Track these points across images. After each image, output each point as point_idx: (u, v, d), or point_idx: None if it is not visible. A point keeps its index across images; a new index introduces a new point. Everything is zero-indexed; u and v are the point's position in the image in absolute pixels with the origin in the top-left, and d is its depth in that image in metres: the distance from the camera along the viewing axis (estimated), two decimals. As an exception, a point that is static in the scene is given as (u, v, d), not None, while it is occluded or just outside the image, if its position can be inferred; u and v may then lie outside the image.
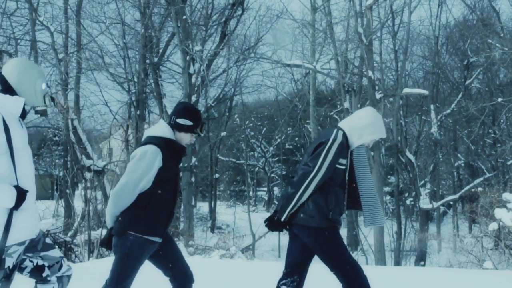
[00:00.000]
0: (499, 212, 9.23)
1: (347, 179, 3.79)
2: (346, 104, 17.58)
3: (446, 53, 22.43)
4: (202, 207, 27.98)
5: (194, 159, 17.66)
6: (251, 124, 29.55)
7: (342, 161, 3.68)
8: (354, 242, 20.03)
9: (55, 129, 19.79)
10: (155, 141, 3.53)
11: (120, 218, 3.46)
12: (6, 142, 2.83)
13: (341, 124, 3.87)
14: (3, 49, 16.50)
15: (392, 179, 25.11)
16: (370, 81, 15.04)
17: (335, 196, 3.71)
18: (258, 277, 6.51)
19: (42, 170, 27.27)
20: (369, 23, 15.13)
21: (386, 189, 23.84)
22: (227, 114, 26.43)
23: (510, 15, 22.54)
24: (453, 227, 20.80)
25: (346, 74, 17.87)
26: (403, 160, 18.57)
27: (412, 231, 20.12)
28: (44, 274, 3.11)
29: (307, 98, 19.65)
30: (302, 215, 3.68)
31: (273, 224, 3.82)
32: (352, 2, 15.94)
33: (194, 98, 17.08)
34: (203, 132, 3.73)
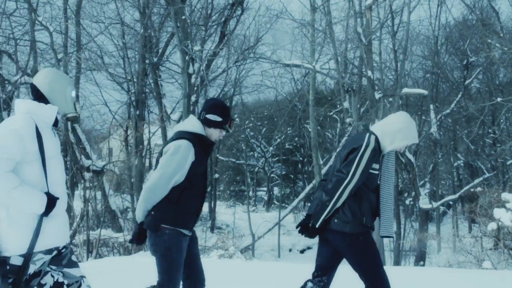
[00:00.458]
0: (498, 212, 9.23)
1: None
2: (346, 104, 17.58)
3: (445, 53, 22.42)
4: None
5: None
6: (251, 124, 29.54)
7: (375, 166, 3.70)
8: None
9: (56, 129, 19.75)
10: (187, 136, 3.57)
11: (152, 213, 3.48)
12: (38, 149, 2.87)
13: (373, 128, 3.88)
14: (3, 49, 16.51)
15: (391, 179, 25.08)
16: (370, 81, 15.03)
17: (369, 201, 3.74)
18: (257, 277, 6.52)
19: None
20: (368, 23, 15.12)
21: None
22: (227, 114, 26.33)
23: (510, 15, 22.57)
24: (452, 227, 20.80)
25: (345, 74, 17.86)
26: (403, 160, 18.57)
27: (411, 231, 20.12)
28: None
29: (307, 98, 19.64)
30: (336, 221, 3.70)
31: (307, 230, 3.83)
32: (351, 2, 15.93)
33: (193, 98, 17.08)
34: (232, 128, 3.75)
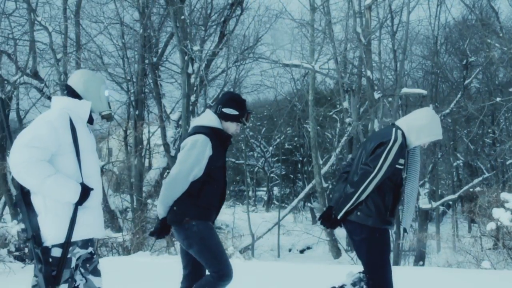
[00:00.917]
0: (497, 211, 9.23)
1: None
2: (345, 104, 17.58)
3: (445, 52, 22.41)
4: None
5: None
6: (250, 124, 29.53)
7: (400, 161, 3.73)
8: (353, 242, 20.01)
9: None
10: (204, 130, 3.60)
11: (175, 208, 3.53)
12: (73, 142, 2.97)
13: (398, 123, 3.89)
14: (2, 49, 16.49)
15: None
16: (369, 81, 15.03)
17: (393, 195, 3.77)
18: (256, 277, 6.51)
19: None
20: (367, 23, 15.12)
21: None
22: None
23: (509, 15, 22.54)
24: (452, 227, 20.80)
25: (345, 74, 17.85)
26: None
27: (411, 231, 20.11)
28: None
29: (306, 98, 19.64)
30: (359, 214, 3.74)
31: (328, 221, 3.87)
32: (350, 2, 15.93)
33: (193, 98, 17.08)
34: (249, 121, 3.78)
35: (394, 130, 3.76)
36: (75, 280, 3.08)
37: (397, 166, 3.71)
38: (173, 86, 20.99)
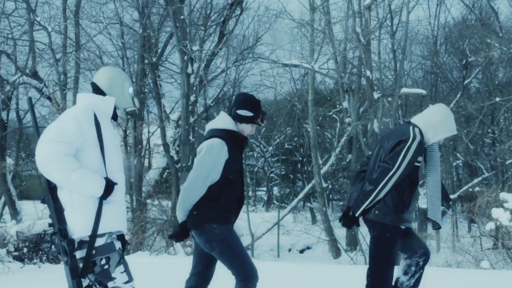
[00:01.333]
0: (496, 211, 9.23)
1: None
2: (345, 104, 17.57)
3: (445, 52, 22.42)
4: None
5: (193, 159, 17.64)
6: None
7: (419, 158, 3.77)
8: (353, 242, 20.00)
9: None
10: (219, 133, 3.60)
11: (195, 212, 3.53)
12: (97, 137, 3.02)
13: (415, 120, 3.91)
14: (1, 49, 16.49)
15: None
16: (368, 81, 15.02)
17: (411, 192, 3.81)
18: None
19: (41, 170, 27.17)
20: (367, 23, 15.11)
21: (385, 189, 23.84)
22: (226, 114, 26.31)
23: (509, 15, 22.52)
24: (452, 227, 20.78)
25: (344, 74, 17.84)
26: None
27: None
28: None
29: (306, 98, 19.63)
30: (376, 212, 3.76)
31: (347, 219, 3.89)
32: (350, 2, 15.92)
33: (192, 98, 17.07)
34: (264, 122, 3.77)
35: (412, 127, 3.78)
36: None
37: (415, 163, 3.74)
38: (172, 86, 20.99)
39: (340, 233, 20.67)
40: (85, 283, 3.01)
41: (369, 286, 3.88)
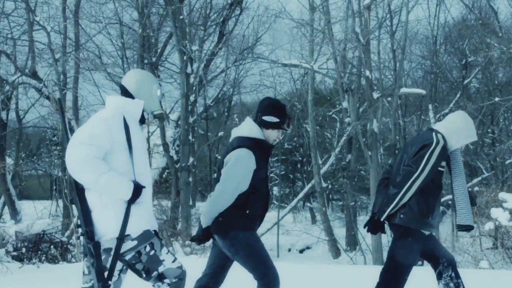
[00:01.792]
0: (495, 211, 9.22)
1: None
2: (345, 103, 17.56)
3: (444, 52, 22.40)
4: (201, 207, 27.93)
5: (192, 159, 17.64)
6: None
7: (443, 163, 3.79)
8: (352, 242, 20.01)
9: (54, 129, 19.78)
10: (246, 143, 3.55)
11: (220, 219, 3.52)
12: (126, 140, 3.05)
13: (437, 127, 3.94)
14: (1, 49, 16.48)
15: (390, 179, 25.07)
16: (368, 80, 15.02)
17: (435, 198, 3.82)
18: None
19: (41, 170, 27.23)
20: (366, 23, 15.09)
21: (385, 188, 23.86)
22: (226, 114, 26.41)
23: (509, 15, 22.52)
24: (451, 227, 20.77)
25: (344, 74, 17.84)
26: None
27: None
28: None
29: (306, 98, 19.63)
30: (402, 216, 3.75)
31: (372, 224, 3.88)
32: (349, 2, 15.90)
33: (192, 98, 17.07)
34: (290, 127, 3.73)
35: (435, 133, 3.82)
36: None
37: (439, 168, 3.76)
38: (172, 86, 21.02)
39: (339, 233, 20.67)
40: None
41: (380, 285, 3.87)
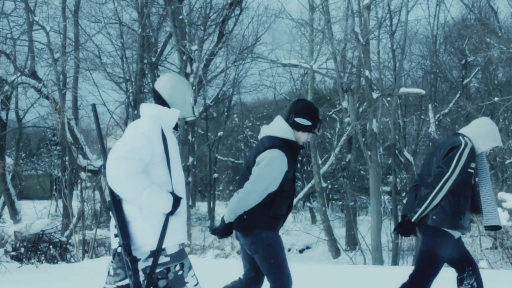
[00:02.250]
0: (495, 211, 9.19)
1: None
2: (345, 103, 17.55)
3: (444, 52, 22.41)
4: (201, 207, 27.93)
5: (192, 159, 17.63)
6: (250, 123, 29.53)
7: (472, 165, 3.80)
8: (352, 242, 20.01)
9: (53, 129, 19.77)
10: (278, 143, 3.55)
11: (245, 217, 3.51)
12: (164, 151, 3.03)
13: (463, 131, 3.99)
14: (0, 49, 16.47)
15: (390, 179, 25.10)
16: (367, 80, 15.02)
17: (466, 199, 3.82)
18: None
19: (40, 170, 27.22)
20: (366, 23, 15.09)
21: (385, 188, 23.84)
22: (226, 113, 26.42)
23: (508, 15, 22.53)
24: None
25: (344, 74, 17.83)
26: (401, 159, 18.55)
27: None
28: None
29: (305, 98, 19.62)
30: (434, 217, 3.76)
31: (403, 227, 3.88)
32: (349, 2, 15.90)
33: (191, 98, 17.04)
34: (320, 131, 3.73)
35: (462, 137, 3.88)
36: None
37: (468, 170, 3.78)
38: (172, 86, 20.96)
39: (339, 233, 20.68)
40: None
41: (407, 285, 3.92)
